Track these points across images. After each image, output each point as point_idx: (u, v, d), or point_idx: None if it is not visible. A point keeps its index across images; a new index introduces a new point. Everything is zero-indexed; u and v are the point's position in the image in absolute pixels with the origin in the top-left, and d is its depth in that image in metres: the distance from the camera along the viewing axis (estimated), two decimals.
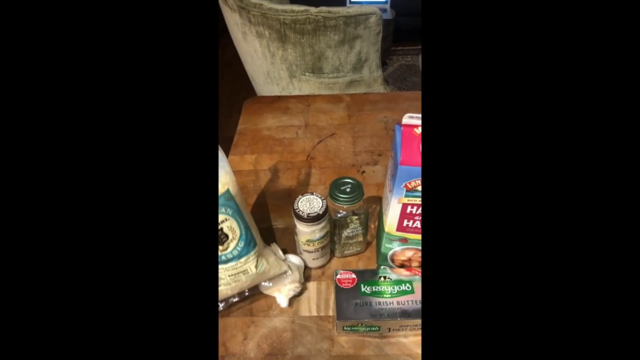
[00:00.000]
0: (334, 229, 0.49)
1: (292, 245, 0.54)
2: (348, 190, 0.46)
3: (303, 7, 0.83)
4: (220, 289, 0.44)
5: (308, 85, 0.98)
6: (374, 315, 0.42)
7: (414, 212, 0.41)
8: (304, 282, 0.50)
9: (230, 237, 0.41)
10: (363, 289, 0.45)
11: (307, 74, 0.95)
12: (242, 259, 0.43)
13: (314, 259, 0.50)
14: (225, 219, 0.41)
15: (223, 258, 0.42)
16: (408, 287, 0.45)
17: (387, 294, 0.44)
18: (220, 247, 0.41)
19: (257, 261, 0.45)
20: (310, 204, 0.46)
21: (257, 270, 0.45)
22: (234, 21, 0.95)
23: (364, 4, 1.39)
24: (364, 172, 0.67)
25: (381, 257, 0.49)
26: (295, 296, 0.49)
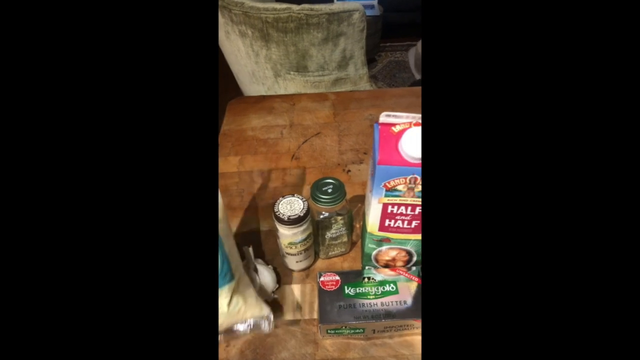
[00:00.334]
0: (317, 230, 0.48)
1: (275, 249, 0.54)
2: (330, 191, 0.45)
3: (285, 5, 0.82)
4: None
5: (294, 84, 0.97)
6: (358, 318, 0.41)
7: (394, 211, 0.40)
8: (283, 286, 0.49)
9: None
10: (347, 291, 0.44)
11: (292, 72, 0.94)
12: None
13: (297, 261, 0.49)
14: None
15: None
16: (392, 288, 0.44)
17: (371, 295, 0.43)
18: None
19: (231, 298, 0.38)
20: (291, 206, 0.45)
21: (230, 309, 0.38)
22: None
23: (348, 0, 1.38)
24: (349, 171, 0.66)
25: (365, 257, 0.48)
26: (278, 299, 0.48)
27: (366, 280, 0.45)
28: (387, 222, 0.42)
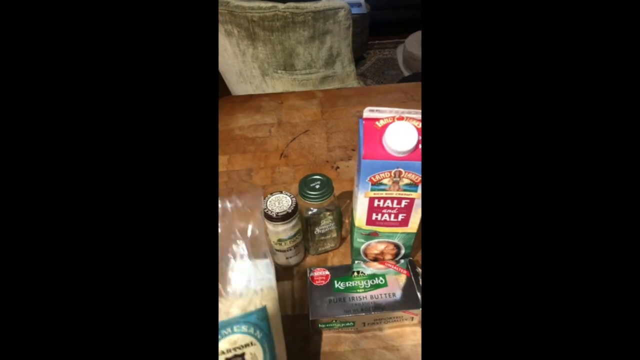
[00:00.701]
0: (307, 226, 0.49)
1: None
2: (317, 187, 0.46)
3: (270, 4, 0.82)
4: None
5: (281, 83, 0.97)
6: (348, 311, 0.42)
7: (381, 205, 0.41)
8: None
9: None
10: (337, 285, 0.45)
11: (279, 71, 0.94)
12: None
13: (287, 257, 0.49)
14: (251, 342, 0.32)
15: None
16: (381, 281, 0.45)
17: (360, 289, 0.44)
18: None
19: None
20: (280, 202, 0.45)
21: None
22: None
23: None
24: (338, 167, 0.67)
25: (354, 252, 0.48)
26: None
27: (356, 274, 0.46)
28: (374, 216, 0.42)
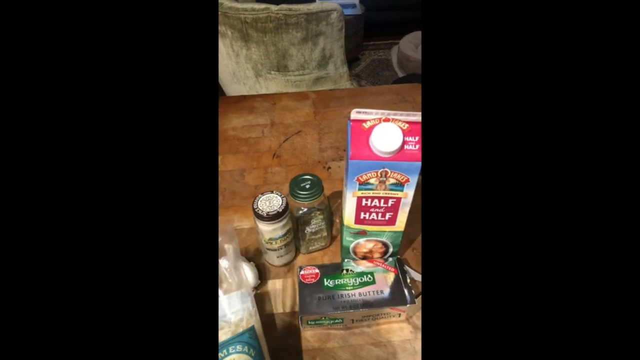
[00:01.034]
0: (298, 225, 0.50)
1: (257, 245, 0.55)
2: (307, 186, 0.47)
3: (264, 5, 0.83)
4: None
5: (275, 84, 0.98)
6: (337, 308, 0.43)
7: (369, 204, 0.42)
8: (266, 282, 0.50)
9: None
10: (326, 283, 0.45)
11: (272, 72, 0.95)
12: None
13: (278, 257, 0.50)
14: None
15: None
16: (370, 278, 0.46)
17: (349, 287, 0.45)
18: None
19: None
20: (270, 202, 0.46)
21: None
22: None
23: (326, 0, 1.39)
24: (329, 168, 0.68)
25: (344, 250, 0.49)
26: (261, 294, 0.49)
27: (345, 272, 0.47)
28: (362, 215, 0.43)
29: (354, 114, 0.38)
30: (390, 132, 0.36)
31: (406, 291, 0.44)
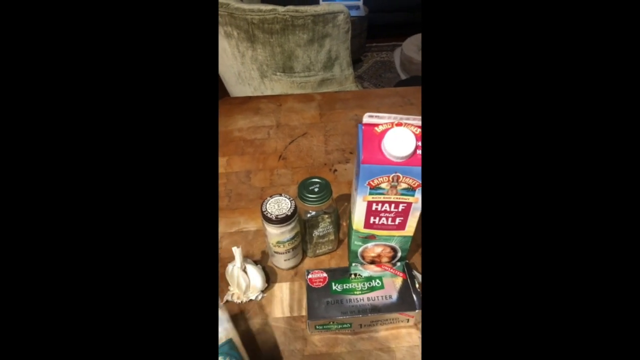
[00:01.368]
0: (305, 229, 0.49)
1: (263, 247, 0.54)
2: (316, 190, 0.46)
3: (271, 7, 0.83)
4: None
5: (280, 85, 0.98)
6: (345, 313, 0.43)
7: (379, 209, 0.41)
8: (272, 285, 0.50)
9: None
10: (334, 287, 0.45)
11: (278, 73, 0.95)
12: None
13: (285, 260, 0.50)
14: None
15: None
16: (378, 283, 0.45)
17: (357, 291, 0.45)
18: None
19: None
20: (279, 205, 0.46)
21: None
22: None
23: (333, 1, 1.39)
24: (335, 170, 0.67)
25: (352, 254, 0.49)
26: (267, 297, 0.49)
27: (353, 276, 0.46)
28: (372, 220, 0.43)
29: (366, 118, 0.38)
30: (402, 136, 0.36)
31: (415, 296, 0.44)
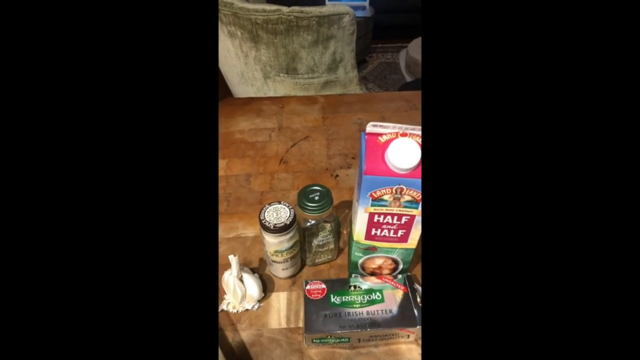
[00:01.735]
0: (304, 237, 0.48)
1: (261, 255, 0.53)
2: (316, 198, 0.45)
3: (275, 7, 0.81)
4: None
5: (283, 86, 0.97)
6: (343, 327, 0.41)
7: (381, 220, 0.40)
8: (269, 294, 0.49)
9: None
10: (333, 300, 0.44)
11: (281, 74, 0.94)
12: None
13: (283, 269, 0.48)
14: None
15: None
16: (378, 296, 0.44)
17: (357, 304, 0.43)
18: None
19: None
20: (277, 213, 0.44)
21: None
22: None
23: (339, 2, 1.38)
24: (337, 176, 0.66)
25: (352, 265, 0.48)
26: (264, 307, 0.47)
27: (352, 288, 0.45)
28: (373, 231, 0.41)
29: (370, 127, 0.37)
30: (407, 147, 0.35)
31: (416, 312, 0.42)
